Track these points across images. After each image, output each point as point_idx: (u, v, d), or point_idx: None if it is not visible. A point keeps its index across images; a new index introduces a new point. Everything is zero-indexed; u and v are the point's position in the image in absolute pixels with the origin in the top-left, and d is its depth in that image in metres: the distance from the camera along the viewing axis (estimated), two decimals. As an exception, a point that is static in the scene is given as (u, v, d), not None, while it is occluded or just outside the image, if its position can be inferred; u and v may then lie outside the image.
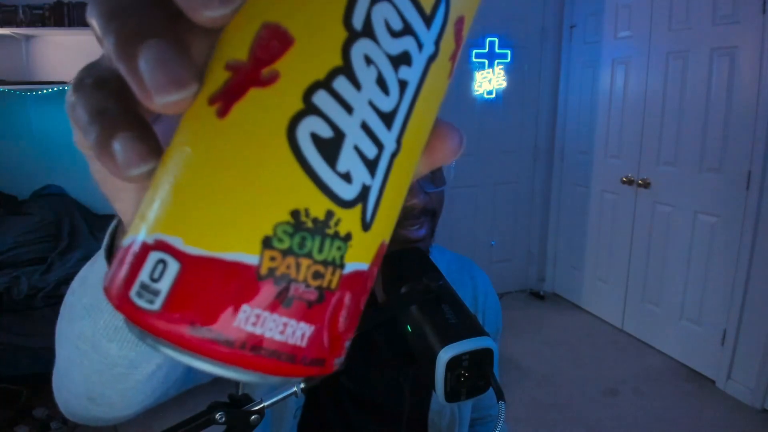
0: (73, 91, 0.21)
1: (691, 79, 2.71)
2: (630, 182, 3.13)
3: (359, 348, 0.50)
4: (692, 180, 2.75)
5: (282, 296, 0.18)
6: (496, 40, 3.41)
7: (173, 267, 0.17)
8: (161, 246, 0.18)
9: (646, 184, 3.03)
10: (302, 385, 0.48)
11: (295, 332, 0.18)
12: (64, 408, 0.51)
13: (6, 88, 2.84)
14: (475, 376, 0.50)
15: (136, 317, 0.18)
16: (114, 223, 0.40)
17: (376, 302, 0.79)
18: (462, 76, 3.38)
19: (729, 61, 2.51)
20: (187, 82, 0.18)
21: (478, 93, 3.44)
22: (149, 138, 0.20)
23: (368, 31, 0.18)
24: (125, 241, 0.19)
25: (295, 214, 0.18)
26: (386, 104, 0.19)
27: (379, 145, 0.19)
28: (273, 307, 0.18)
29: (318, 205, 0.18)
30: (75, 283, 0.44)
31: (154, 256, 0.18)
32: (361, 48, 0.18)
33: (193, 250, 0.17)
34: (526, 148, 3.73)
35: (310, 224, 0.18)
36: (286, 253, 0.18)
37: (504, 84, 3.49)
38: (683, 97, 2.77)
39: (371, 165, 0.19)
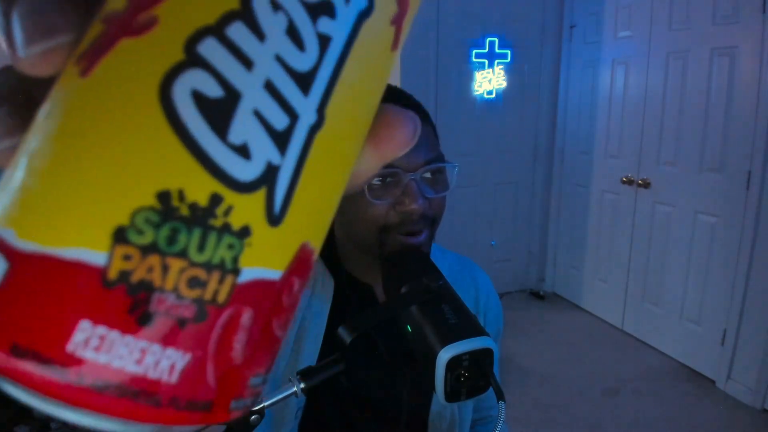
0: None
1: (692, 79, 2.71)
2: (630, 182, 3.13)
3: (360, 349, 0.50)
4: (692, 180, 2.74)
5: (138, 311, 0.13)
6: (496, 40, 3.40)
7: (2, 267, 0.13)
8: None
9: (646, 184, 3.03)
10: (302, 386, 0.48)
11: (160, 363, 0.13)
12: None
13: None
14: (475, 376, 0.49)
15: None
16: None
17: (376, 302, 0.79)
18: (462, 76, 3.38)
19: (729, 61, 2.50)
20: (56, 29, 0.14)
21: (478, 93, 3.44)
22: (23, 113, 0.16)
23: None
24: None
25: (163, 197, 0.13)
26: (301, 62, 0.14)
27: (292, 114, 0.15)
28: (125, 326, 0.13)
29: (198, 187, 0.13)
30: None
31: None
32: None
33: (25, 245, 0.13)
34: (526, 148, 3.72)
35: (185, 211, 0.13)
36: (147, 250, 0.13)
37: (504, 84, 3.48)
38: (683, 97, 2.76)
39: (280, 138, 0.14)
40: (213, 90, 0.13)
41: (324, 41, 0.15)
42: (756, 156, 2.40)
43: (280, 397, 0.48)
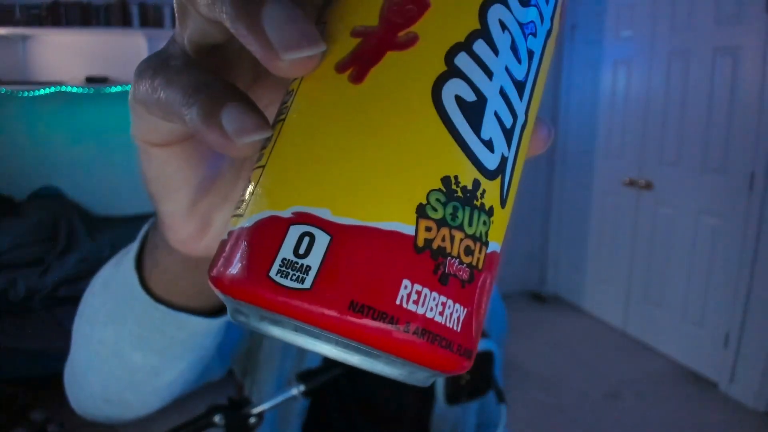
0: (151, 76, 0.20)
1: (694, 79, 2.70)
2: (632, 183, 3.12)
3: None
4: (695, 181, 2.73)
5: (439, 271, 0.16)
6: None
7: (323, 239, 0.16)
8: (304, 218, 0.16)
9: (648, 185, 3.02)
10: (302, 388, 0.47)
11: (452, 314, 0.17)
12: (75, 404, 0.49)
13: (2, 88, 2.83)
14: (475, 378, 0.49)
15: (278, 300, 0.16)
16: (146, 228, 0.38)
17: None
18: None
19: (732, 61, 2.49)
20: (317, 38, 0.17)
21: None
22: (256, 109, 0.19)
23: None
24: (239, 225, 0.17)
25: (446, 181, 0.16)
26: (519, 72, 0.18)
27: (514, 115, 0.18)
28: (433, 284, 0.16)
29: (466, 173, 0.17)
30: (96, 284, 0.42)
31: (296, 230, 0.16)
32: (496, 12, 0.17)
33: (344, 220, 0.16)
34: (527, 149, 3.71)
35: (460, 193, 0.17)
36: (440, 223, 0.16)
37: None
38: (685, 97, 2.75)
39: (508, 135, 0.18)
40: (469, 95, 0.17)
41: (531, 55, 0.18)
42: (759, 157, 2.39)
43: (280, 400, 0.47)
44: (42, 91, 2.87)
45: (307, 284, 0.15)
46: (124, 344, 0.39)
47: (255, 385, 0.76)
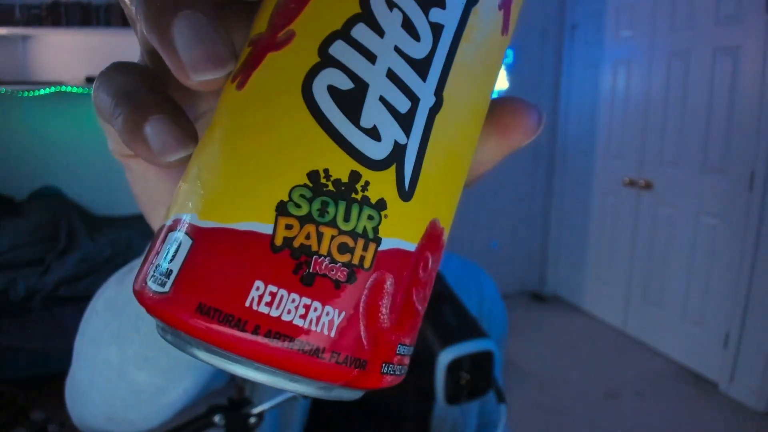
0: (97, 78, 0.20)
1: (694, 79, 2.70)
2: (632, 183, 3.12)
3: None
4: (695, 181, 2.73)
5: (301, 271, 0.15)
6: (497, 40, 3.40)
7: (186, 244, 0.16)
8: (177, 225, 0.17)
9: (648, 185, 3.02)
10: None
11: (321, 318, 0.15)
12: (77, 421, 0.48)
13: (2, 88, 2.83)
14: (475, 378, 0.49)
15: (147, 303, 0.16)
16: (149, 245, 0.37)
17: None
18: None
19: (732, 61, 2.49)
20: (224, 59, 0.17)
21: (478, 94, 3.43)
22: (183, 121, 0.18)
23: None
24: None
25: (313, 175, 0.16)
26: (417, 50, 0.17)
27: (413, 98, 0.17)
28: (291, 285, 0.15)
29: (340, 166, 0.16)
30: (99, 304, 0.41)
31: (171, 237, 0.16)
32: None
33: (205, 223, 0.16)
34: (527, 149, 3.71)
35: (331, 187, 0.16)
36: (304, 220, 0.15)
37: (505, 84, 3.48)
38: (686, 97, 2.76)
39: (404, 120, 0.17)
40: (344, 83, 0.16)
41: (437, 30, 0.17)
42: (759, 157, 2.39)
43: (279, 400, 0.47)
44: (42, 91, 2.87)
45: (167, 288, 0.16)
46: (128, 364, 0.38)
47: (255, 386, 0.76)
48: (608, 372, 2.85)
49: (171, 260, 0.16)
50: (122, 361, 0.38)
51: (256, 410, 0.45)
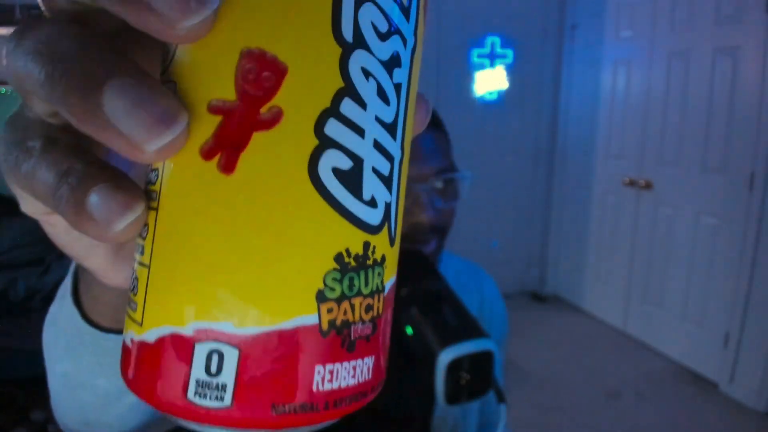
0: (14, 162, 0.17)
1: (694, 79, 2.70)
2: (632, 183, 3.12)
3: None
4: (695, 181, 2.73)
5: (346, 342, 0.17)
6: (498, 40, 3.40)
7: (231, 354, 0.15)
8: (207, 335, 0.16)
9: (648, 185, 3.02)
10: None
11: (362, 370, 0.18)
12: (63, 427, 0.49)
13: (2, 88, 2.82)
14: (476, 378, 0.49)
15: (201, 417, 0.16)
16: (73, 268, 0.36)
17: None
18: (463, 77, 3.38)
19: (732, 61, 2.49)
20: (176, 113, 0.15)
21: (479, 94, 3.44)
22: (125, 182, 0.16)
23: (360, 41, 0.16)
24: (140, 336, 0.17)
25: (338, 258, 0.16)
26: (389, 115, 0.17)
27: (391, 159, 0.18)
28: (341, 357, 0.17)
29: (356, 241, 0.17)
30: (47, 321, 0.41)
31: (202, 349, 0.16)
32: (358, 61, 0.16)
33: (248, 330, 0.15)
34: (528, 149, 3.72)
35: (353, 263, 0.17)
36: (339, 300, 0.16)
37: (505, 84, 3.48)
38: (686, 97, 2.76)
39: (388, 181, 0.18)
40: (345, 163, 0.16)
41: (399, 89, 0.17)
42: (759, 157, 2.39)
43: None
44: (42, 91, 2.86)
45: (227, 402, 0.15)
46: (85, 374, 0.38)
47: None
48: (608, 372, 2.85)
49: (218, 373, 0.15)
50: (78, 372, 0.38)
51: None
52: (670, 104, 2.85)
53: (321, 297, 0.16)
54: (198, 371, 0.15)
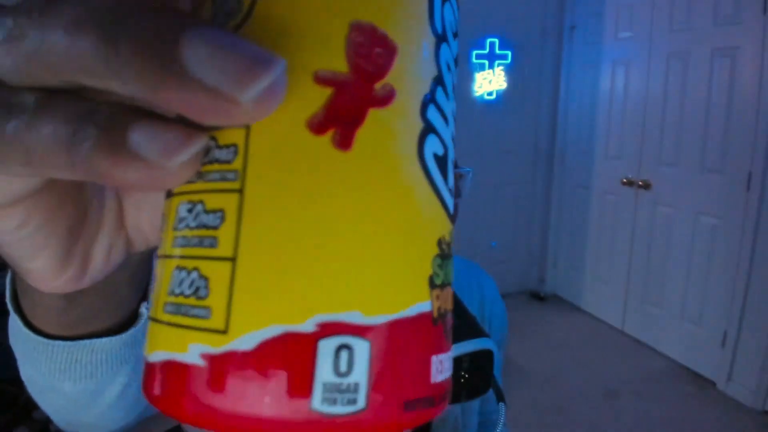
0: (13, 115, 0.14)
1: (692, 80, 2.70)
2: (631, 183, 3.12)
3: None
4: (693, 181, 2.74)
5: (447, 331, 0.16)
6: (497, 40, 3.40)
7: (362, 348, 0.14)
8: (334, 329, 0.13)
9: (646, 185, 3.02)
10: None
11: (449, 363, 0.17)
12: (55, 422, 0.48)
13: None
14: (475, 377, 0.49)
15: (337, 428, 0.13)
16: (11, 273, 0.31)
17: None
18: (462, 78, 3.37)
19: (730, 62, 2.50)
20: (272, 55, 0.12)
21: (478, 94, 3.44)
22: (170, 120, 0.14)
23: (444, 36, 0.16)
24: (224, 346, 0.13)
25: (440, 243, 0.16)
26: (454, 109, 0.18)
27: (448, 150, 0.17)
28: (446, 347, 0.16)
29: (447, 228, 0.17)
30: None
31: (328, 345, 0.13)
32: (443, 54, 0.16)
33: (376, 319, 0.14)
34: (527, 149, 3.72)
35: (447, 250, 0.16)
36: (442, 287, 0.16)
37: (504, 85, 3.48)
38: (684, 97, 2.76)
39: (449, 170, 0.18)
40: (440, 149, 0.16)
41: (453, 87, 0.18)
42: (757, 157, 2.40)
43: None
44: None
45: (362, 404, 0.13)
46: (49, 378, 0.34)
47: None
48: (607, 371, 2.85)
49: (348, 372, 0.13)
50: (42, 377, 0.35)
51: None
52: (669, 104, 2.85)
53: (431, 283, 0.15)
54: (325, 373, 0.13)
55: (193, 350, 0.14)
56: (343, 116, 0.14)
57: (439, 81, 0.16)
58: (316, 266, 0.14)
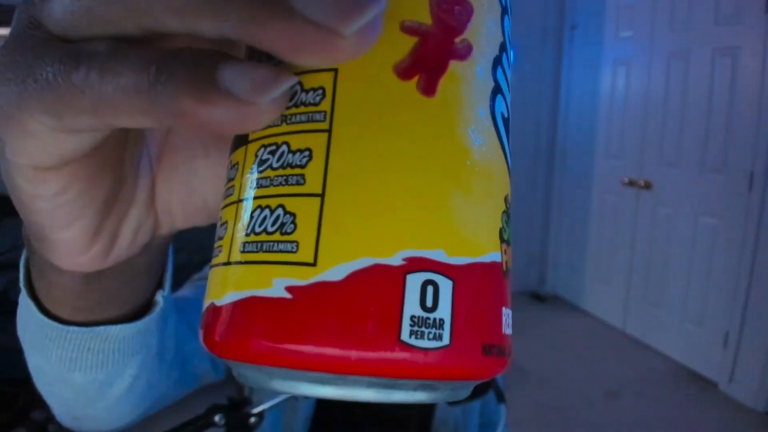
0: (59, 72, 0.14)
1: (693, 80, 2.70)
2: (631, 183, 3.12)
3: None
4: (694, 181, 2.73)
5: (510, 290, 0.17)
6: (497, 40, 3.40)
7: (446, 285, 0.14)
8: (420, 264, 0.14)
9: (647, 185, 3.02)
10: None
11: (511, 321, 0.17)
12: (58, 419, 0.48)
13: None
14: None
15: (417, 364, 0.14)
16: (25, 256, 0.31)
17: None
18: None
19: (731, 62, 2.49)
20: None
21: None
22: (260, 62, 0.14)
23: (507, 9, 0.17)
24: (313, 278, 0.14)
25: (506, 200, 0.16)
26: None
27: None
28: (509, 302, 0.17)
29: (509, 189, 0.17)
30: (18, 312, 0.36)
31: (415, 279, 0.14)
32: (507, 24, 0.17)
33: (459, 260, 0.14)
34: (527, 149, 3.72)
35: (510, 209, 0.17)
36: (507, 242, 0.16)
37: (505, 85, 3.48)
38: (685, 97, 2.76)
39: None
40: (506, 111, 0.17)
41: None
42: (758, 157, 2.39)
43: (279, 400, 0.47)
44: (42, 91, 2.86)
45: (446, 340, 0.14)
46: (58, 368, 0.34)
47: (254, 391, 0.76)
48: (608, 372, 2.85)
49: (434, 308, 0.14)
50: (51, 367, 0.34)
51: (256, 410, 0.45)
52: (670, 104, 2.85)
53: (501, 236, 0.16)
54: (412, 306, 0.14)
55: (277, 284, 0.14)
56: (428, 64, 0.15)
57: (503, 48, 0.17)
58: (404, 203, 0.14)
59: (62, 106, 0.14)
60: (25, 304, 0.32)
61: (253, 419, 0.46)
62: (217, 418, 0.44)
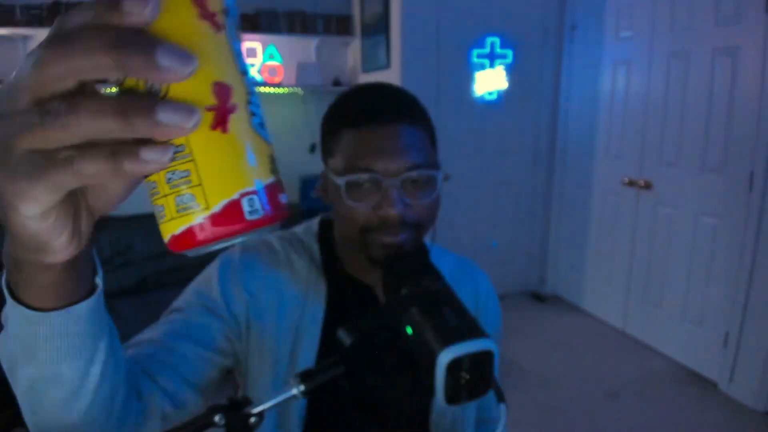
0: (45, 119, 0.25)
1: (693, 80, 2.70)
2: (631, 183, 3.12)
3: (360, 350, 0.49)
4: (694, 181, 2.73)
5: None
6: (497, 40, 3.40)
7: (256, 196, 0.32)
8: (246, 193, 0.31)
9: (647, 185, 3.02)
10: (302, 388, 0.47)
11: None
12: None
13: None
14: (475, 378, 0.49)
15: (250, 223, 0.31)
16: (5, 277, 0.39)
17: (376, 303, 0.78)
18: (463, 77, 3.38)
19: (731, 62, 2.50)
20: (190, 56, 0.26)
21: (479, 94, 3.44)
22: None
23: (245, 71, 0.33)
24: (211, 209, 0.31)
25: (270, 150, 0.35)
26: None
27: None
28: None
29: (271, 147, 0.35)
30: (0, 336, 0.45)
31: (247, 199, 0.32)
32: (239, 53, 0.33)
33: (258, 183, 0.32)
34: (527, 149, 3.72)
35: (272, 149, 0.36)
36: (275, 172, 0.35)
37: (505, 84, 3.48)
38: (685, 97, 2.76)
39: None
40: (258, 113, 0.35)
41: None
42: (758, 157, 2.39)
43: (279, 399, 0.47)
44: (42, 91, 2.86)
45: (261, 212, 0.32)
46: (47, 366, 0.42)
47: (253, 385, 0.76)
48: (608, 371, 2.85)
49: (253, 208, 0.31)
50: (41, 369, 0.43)
51: (256, 410, 0.45)
52: (670, 104, 2.85)
53: (272, 167, 0.34)
54: (247, 208, 0.31)
55: (197, 220, 0.31)
56: (217, 120, 0.30)
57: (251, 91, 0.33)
58: (233, 171, 0.31)
59: (47, 141, 0.26)
60: (13, 313, 0.40)
61: (253, 419, 0.45)
62: (216, 418, 0.44)
